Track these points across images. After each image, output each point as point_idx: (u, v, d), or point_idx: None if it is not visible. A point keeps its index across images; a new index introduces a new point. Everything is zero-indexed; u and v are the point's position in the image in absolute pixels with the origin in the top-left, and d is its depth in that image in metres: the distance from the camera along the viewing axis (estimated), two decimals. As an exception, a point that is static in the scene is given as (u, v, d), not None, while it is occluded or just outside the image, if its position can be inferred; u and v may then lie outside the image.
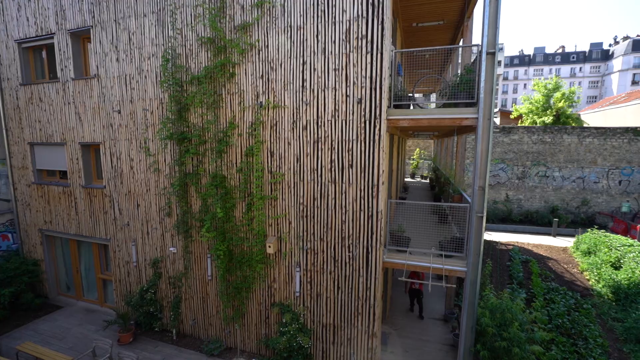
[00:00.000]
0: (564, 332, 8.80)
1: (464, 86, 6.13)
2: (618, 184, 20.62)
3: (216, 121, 7.78)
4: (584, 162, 20.93)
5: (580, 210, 21.13)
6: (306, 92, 6.90)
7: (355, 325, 7.30)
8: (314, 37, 6.76)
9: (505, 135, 21.86)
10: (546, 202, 21.60)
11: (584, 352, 7.93)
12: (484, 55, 5.81)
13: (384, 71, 6.31)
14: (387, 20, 6.24)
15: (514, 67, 76.94)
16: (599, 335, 8.61)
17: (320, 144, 6.93)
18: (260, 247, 7.69)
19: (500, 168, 22.01)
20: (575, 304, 10.24)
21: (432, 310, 10.36)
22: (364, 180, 6.65)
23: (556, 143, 21.23)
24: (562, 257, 14.92)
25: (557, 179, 21.38)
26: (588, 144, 20.83)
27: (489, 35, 5.79)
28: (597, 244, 13.89)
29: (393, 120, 6.52)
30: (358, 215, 6.80)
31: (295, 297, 7.68)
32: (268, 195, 7.53)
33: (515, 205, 21.99)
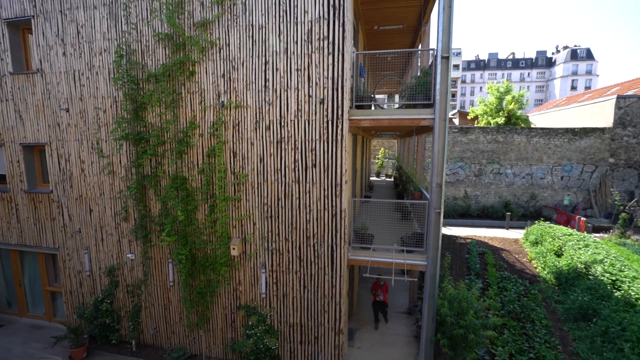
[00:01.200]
0: (515, 317, 9.48)
1: (421, 88, 6.41)
2: (560, 180, 22.57)
3: (176, 121, 7.49)
4: (532, 160, 22.68)
5: (529, 204, 22.86)
6: (269, 92, 6.86)
7: (322, 323, 7.38)
8: (276, 37, 6.73)
9: (463, 135, 23.11)
10: (500, 197, 23.13)
11: (532, 334, 8.62)
12: (439, 59, 6.11)
13: (346, 72, 6.43)
14: (347, 22, 6.36)
15: (471, 71, 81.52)
16: (544, 317, 9.39)
17: (284, 144, 6.92)
18: (224, 249, 7.53)
19: (459, 166, 23.22)
20: (525, 290, 11.08)
21: (397, 304, 10.70)
22: (328, 179, 6.74)
23: (508, 142, 22.79)
24: (514, 247, 16.06)
25: (509, 176, 22.97)
26: (535, 143, 22.58)
27: (443, 40, 6.10)
28: (543, 234, 15.11)
29: (355, 121, 6.67)
30: (322, 214, 6.88)
31: (262, 298, 7.61)
32: (231, 197, 7.39)
33: (473, 201, 23.31)
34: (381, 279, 9.03)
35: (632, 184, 22.19)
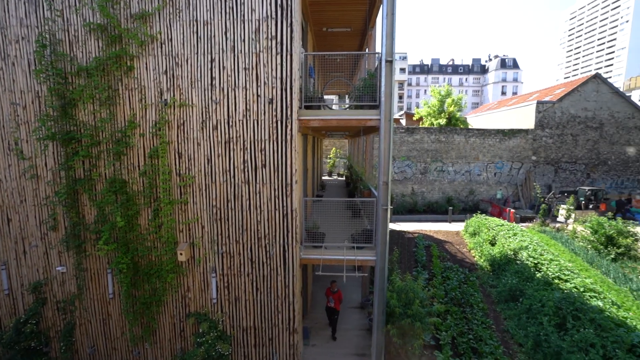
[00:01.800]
0: (456, 303, 10.29)
1: (367, 90, 6.67)
2: (494, 176, 24.91)
3: (112, 119, 6.93)
4: (470, 158, 24.71)
5: (469, 199, 24.90)
6: (215, 90, 6.65)
7: (276, 324, 7.34)
8: (222, 34, 6.55)
9: (410, 135, 24.44)
10: (443, 193, 24.86)
11: (470, 317, 9.43)
12: (383, 63, 6.40)
13: (295, 72, 6.46)
14: (295, 22, 6.40)
15: (416, 75, 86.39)
16: (481, 301, 10.33)
17: (232, 144, 6.76)
18: (170, 255, 7.14)
19: (406, 165, 24.51)
20: (465, 278, 12.06)
21: (350, 300, 11.01)
22: (278, 179, 6.72)
23: (449, 142, 24.58)
24: (456, 239, 17.38)
25: (451, 173, 24.79)
26: (472, 142, 24.64)
27: (387, 45, 6.41)
28: (479, 226, 16.57)
29: (304, 121, 6.73)
30: (273, 214, 6.85)
31: (213, 304, 7.35)
32: (177, 200, 7.03)
33: (419, 198, 24.76)
34: (335, 286, 8.73)
35: (550, 179, 25.24)
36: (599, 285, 9.74)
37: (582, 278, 9.76)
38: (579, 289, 9.13)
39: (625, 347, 6.79)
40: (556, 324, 8.24)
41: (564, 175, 25.32)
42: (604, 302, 8.47)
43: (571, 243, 14.48)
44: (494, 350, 8.07)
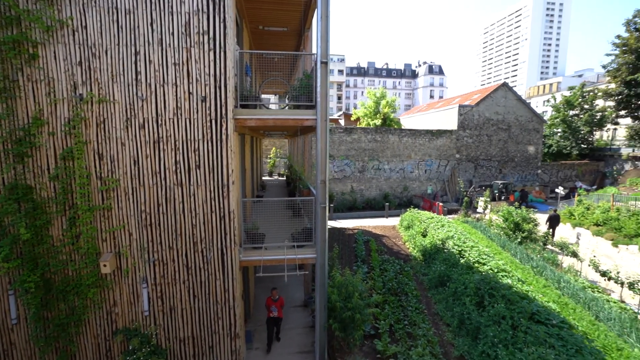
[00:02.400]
0: (393, 292, 10.97)
1: (304, 90, 6.77)
2: (424, 173, 27.05)
3: (11, 115, 5.99)
4: (403, 157, 26.48)
5: (403, 195, 26.66)
6: (141, 86, 6.15)
7: (217, 331, 7.06)
8: (147, 26, 6.08)
9: (348, 135, 25.31)
10: (380, 190, 26.25)
11: (406, 304, 10.13)
12: (318, 64, 6.55)
13: (229, 70, 6.28)
14: (229, 18, 6.22)
15: (354, 77, 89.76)
16: (415, 289, 11.16)
17: (162, 144, 6.32)
18: (92, 267, 6.42)
19: (345, 163, 25.34)
20: (400, 268, 12.91)
21: (294, 299, 11.05)
22: (214, 180, 6.47)
23: (384, 141, 26.02)
24: (392, 233, 18.49)
25: (386, 171, 26.27)
26: (405, 142, 26.43)
27: (322, 47, 6.57)
28: (413, 219, 17.86)
29: (240, 120, 6.58)
30: (210, 217, 6.57)
31: (144, 317, 6.80)
32: (99, 206, 6.35)
33: (358, 195, 25.79)
34: (276, 293, 8.40)
35: (471, 174, 28.26)
36: (509, 265, 11.19)
37: (496, 261, 11.10)
38: (493, 270, 10.37)
39: (527, 316, 7.91)
40: (476, 302, 9.26)
41: (482, 171, 28.54)
42: (512, 279, 9.76)
43: (488, 230, 16.38)
44: (426, 333, 8.77)
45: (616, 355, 7.37)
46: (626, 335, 8.47)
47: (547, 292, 9.96)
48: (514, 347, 7.16)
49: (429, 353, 7.90)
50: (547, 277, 11.50)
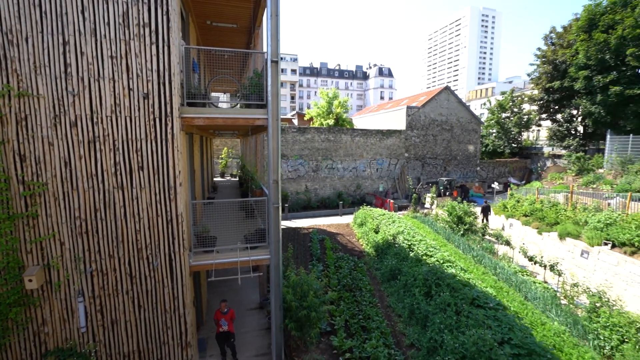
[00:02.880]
0: (348, 289, 11.24)
1: (254, 89, 6.65)
2: (376, 171, 28.07)
3: None
4: (356, 156, 27.21)
5: (356, 193, 27.40)
6: (72, 79, 5.59)
7: (166, 341, 6.67)
8: (78, 13, 5.54)
9: (301, 135, 25.38)
10: (334, 189, 26.71)
11: (360, 299, 10.44)
12: (269, 63, 6.48)
13: (174, 66, 5.95)
14: (172, 11, 5.89)
15: (307, 77, 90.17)
16: (368, 284, 11.55)
17: (99, 144, 5.81)
18: (13, 284, 5.69)
19: (299, 163, 25.38)
20: (354, 265, 13.27)
21: (249, 301, 10.83)
22: (159, 182, 6.09)
23: (337, 141, 26.51)
24: (346, 231, 18.91)
25: (340, 170, 26.80)
26: (357, 141, 27.17)
27: (272, 45, 6.50)
28: (365, 217, 18.45)
29: (188, 119, 6.28)
30: (155, 221, 6.18)
31: (81, 334, 6.19)
32: (21, 213, 5.65)
33: (313, 194, 25.99)
34: (225, 306, 7.75)
35: (419, 172, 29.93)
36: (453, 256, 12.07)
37: (442, 252, 11.90)
38: (440, 261, 11.10)
39: (468, 301, 8.61)
40: (425, 293, 9.84)
41: (429, 169, 30.37)
42: (456, 269, 10.54)
43: (434, 224, 17.49)
44: (380, 325, 9.13)
45: (540, 329, 8.31)
46: (548, 311, 9.60)
47: (485, 278, 10.92)
48: (457, 331, 7.73)
49: (382, 344, 8.23)
50: (485, 264, 12.59)
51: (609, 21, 24.82)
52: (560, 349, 7.72)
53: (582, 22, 26.82)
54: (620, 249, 12.62)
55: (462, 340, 7.20)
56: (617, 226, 13.11)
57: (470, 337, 7.07)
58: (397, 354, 8.05)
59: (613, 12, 24.99)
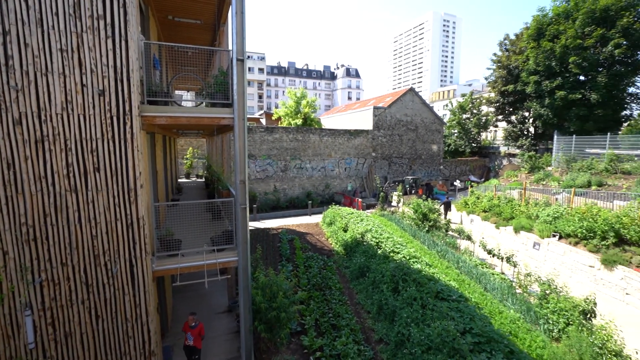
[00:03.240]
0: (318, 288, 11.29)
1: (220, 87, 6.49)
2: (344, 170, 28.43)
3: None
4: (324, 155, 27.38)
5: (325, 192, 27.59)
6: (14, 73, 5.13)
7: (127, 352, 6.32)
8: (20, 1, 5.09)
9: (269, 134, 25.12)
10: (303, 188, 26.71)
11: (330, 298, 10.54)
12: (234, 61, 6.35)
13: (132, 62, 5.65)
14: (130, 3, 5.60)
15: (275, 76, 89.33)
16: (338, 282, 11.68)
17: (48, 143, 5.38)
18: (-52, 299, 5.13)
19: (267, 163, 25.10)
20: (324, 264, 13.36)
21: (217, 305, 10.55)
22: (118, 184, 5.76)
23: (306, 141, 26.53)
24: (316, 230, 18.99)
25: (309, 170, 26.84)
26: (326, 141, 27.36)
27: (238, 43, 6.38)
28: (334, 216, 18.64)
29: (149, 117, 5.99)
30: (114, 225, 5.84)
31: (29, 350, 5.71)
32: (-43, 221, 5.11)
33: (281, 194, 25.81)
34: (193, 319, 7.29)
35: (386, 171, 30.72)
36: (419, 252, 12.53)
37: (408, 249, 12.30)
38: (406, 257, 11.46)
39: (433, 295, 8.99)
40: (392, 288, 10.12)
41: (395, 168, 31.26)
42: (421, 264, 10.95)
43: (401, 222, 18.05)
44: (349, 322, 9.26)
45: (498, 317, 8.86)
46: (505, 301, 10.25)
47: (449, 272, 11.44)
48: (423, 324, 8.04)
49: (352, 341, 8.36)
50: (449, 259, 13.19)
51: (554, 31, 26.94)
52: (515, 335, 8.28)
53: (532, 31, 28.90)
54: (566, 240, 13.77)
55: (427, 332, 7.50)
56: (563, 219, 14.28)
57: (435, 329, 7.37)
58: (366, 349, 8.22)
59: (557, 23, 27.17)
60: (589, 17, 25.12)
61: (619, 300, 11.39)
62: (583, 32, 25.28)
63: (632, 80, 25.95)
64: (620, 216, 12.53)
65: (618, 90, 25.47)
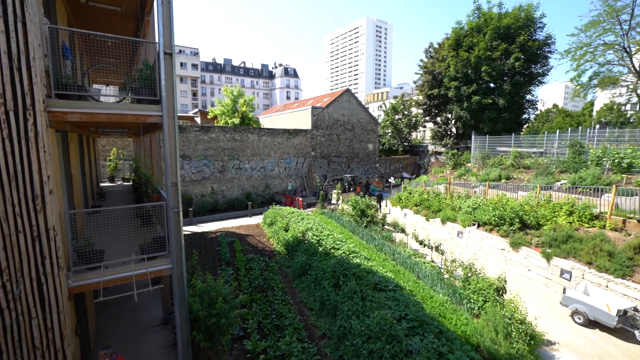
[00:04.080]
0: (260, 289, 11.09)
1: (145, 82, 5.97)
2: (284, 170, 28.34)
3: None
4: (264, 155, 26.97)
5: (265, 193, 27.20)
6: None
7: (37, 384, 5.48)
8: None
9: (205, 134, 23.90)
10: (242, 189, 25.97)
11: (272, 299, 10.43)
12: (162, 55, 5.89)
13: (33, 49, 4.89)
14: (29, -18, 4.83)
15: (210, 73, 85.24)
16: (280, 282, 11.61)
17: None
18: None
19: (203, 164, 23.87)
20: (266, 265, 13.17)
21: (150, 318, 9.73)
22: (19, 191, 4.94)
23: (244, 140, 25.83)
24: (256, 231, 18.60)
25: (247, 170, 26.19)
26: (264, 141, 26.95)
27: (165, 36, 5.93)
28: (275, 216, 18.47)
29: (58, 114, 5.25)
30: (15, 239, 5.00)
31: None
32: None
33: (220, 196, 24.78)
34: (105, 355, 5.82)
35: (325, 170, 31.39)
36: (358, 247, 13.05)
37: (347, 245, 12.73)
38: (346, 253, 11.86)
39: (372, 287, 9.46)
40: (333, 284, 10.38)
41: (334, 166, 32.09)
42: (360, 258, 11.43)
43: (341, 219, 18.60)
44: (292, 321, 9.27)
45: (429, 302, 9.66)
46: (435, 286, 11.22)
47: (385, 264, 12.12)
48: (363, 315, 8.40)
49: (295, 340, 8.38)
50: (385, 252, 13.97)
51: (469, 43, 30.28)
52: (444, 316, 9.11)
53: (451, 41, 32.07)
54: (483, 228, 15.56)
55: (367, 323, 7.85)
56: (480, 209, 16.12)
57: (374, 319, 7.76)
58: (310, 346, 8.31)
59: (472, 35, 30.60)
60: (496, 33, 28.78)
61: (523, 276, 13.26)
62: (492, 45, 28.86)
63: (528, 89, 30.48)
64: (523, 205, 14.58)
65: (519, 97, 29.67)
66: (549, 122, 54.05)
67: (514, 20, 28.16)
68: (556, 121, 52.09)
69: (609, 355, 8.85)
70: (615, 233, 12.01)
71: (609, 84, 27.49)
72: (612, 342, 9.33)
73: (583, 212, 12.97)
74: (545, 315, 10.45)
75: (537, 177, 18.71)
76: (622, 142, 19.74)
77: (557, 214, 13.61)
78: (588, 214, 12.89)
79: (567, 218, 13.24)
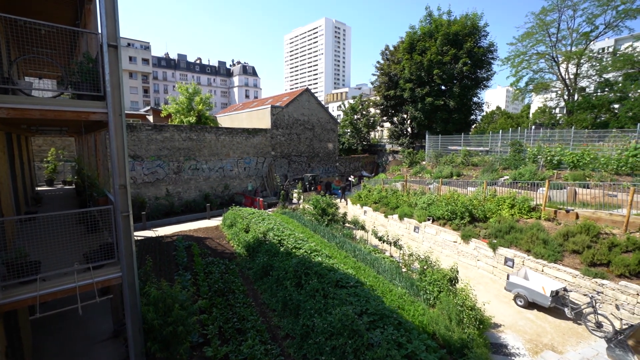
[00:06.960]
0: (220, 293, 10.75)
1: (87, 76, 5.49)
2: (244, 170, 27.73)
3: None
4: (222, 155, 26.17)
5: (224, 193, 26.41)
6: None
7: (-40, 416, 4.83)
8: None
9: (158, 133, 22.63)
10: (200, 191, 24.99)
11: (233, 302, 10.16)
12: (105, 47, 5.47)
13: (-51, 35, 4.30)
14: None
15: (163, 69, 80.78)
16: (241, 285, 11.35)
17: None
18: None
19: (157, 165, 22.60)
20: (226, 268, 12.78)
21: (99, 332, 9.01)
22: None
23: (201, 140, 24.86)
24: (216, 234, 18.00)
25: (205, 171, 25.24)
26: (223, 140, 26.16)
27: (109, 27, 5.52)
28: (235, 217, 18.01)
29: (-20, 109, 4.66)
30: None
31: None
32: None
33: (176, 198, 23.62)
34: None
35: (286, 169, 31.21)
36: (319, 246, 13.14)
37: (309, 244, 12.77)
38: (307, 252, 11.88)
39: (333, 284, 9.59)
40: (296, 283, 10.36)
41: (295, 166, 32.02)
42: (322, 257, 11.52)
43: (302, 218, 18.61)
44: (255, 324, 9.10)
45: (389, 295, 10.02)
46: (394, 280, 11.65)
47: (347, 261, 12.34)
48: (326, 312, 8.48)
49: (258, 342, 8.24)
50: (346, 249, 14.22)
51: (422, 47, 31.82)
52: (402, 308, 9.49)
53: (406, 44, 33.48)
54: (437, 222, 16.45)
55: (329, 320, 7.94)
56: (434, 205, 17.02)
57: (336, 315, 7.86)
58: (273, 347, 8.21)
59: (424, 40, 32.19)
60: (445, 39, 30.58)
61: (473, 266, 14.24)
62: (442, 50, 30.60)
63: (475, 92, 32.79)
64: (472, 200, 15.65)
65: (467, 99, 31.81)
66: (494, 123, 58.59)
67: (461, 28, 30.13)
68: (499, 122, 56.61)
69: (545, 332, 9.82)
70: (549, 223, 13.34)
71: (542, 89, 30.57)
72: (548, 320, 10.36)
73: (522, 205, 14.23)
74: (493, 300, 11.31)
75: (484, 174, 20.20)
76: (553, 141, 21.97)
77: (501, 207, 14.79)
78: (527, 207, 14.17)
79: (509, 211, 14.44)
